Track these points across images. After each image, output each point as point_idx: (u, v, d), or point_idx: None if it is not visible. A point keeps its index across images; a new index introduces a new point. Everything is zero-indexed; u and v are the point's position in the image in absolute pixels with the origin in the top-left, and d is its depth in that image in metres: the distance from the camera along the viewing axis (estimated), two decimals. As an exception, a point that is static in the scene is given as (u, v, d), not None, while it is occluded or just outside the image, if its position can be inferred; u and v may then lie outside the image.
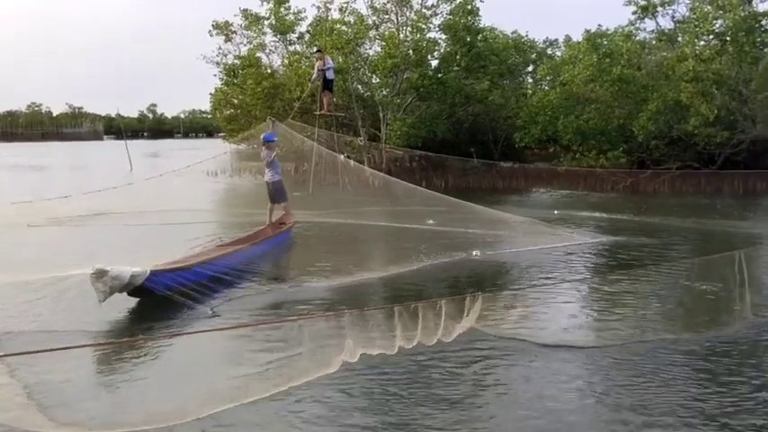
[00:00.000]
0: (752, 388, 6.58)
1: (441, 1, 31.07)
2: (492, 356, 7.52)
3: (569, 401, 6.35)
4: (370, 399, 6.39)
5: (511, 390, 6.65)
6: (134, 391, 6.63)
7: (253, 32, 36.28)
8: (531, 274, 12.04)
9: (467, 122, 33.51)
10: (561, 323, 8.92)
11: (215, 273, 10.57)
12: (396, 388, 6.58)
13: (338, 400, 6.30)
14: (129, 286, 8.76)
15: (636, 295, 10.41)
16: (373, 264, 12.20)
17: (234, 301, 9.68)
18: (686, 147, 28.39)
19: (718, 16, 27.45)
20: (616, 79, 27.85)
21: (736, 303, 8.78)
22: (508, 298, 8.93)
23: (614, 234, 16.11)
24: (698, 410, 6.07)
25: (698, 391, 6.50)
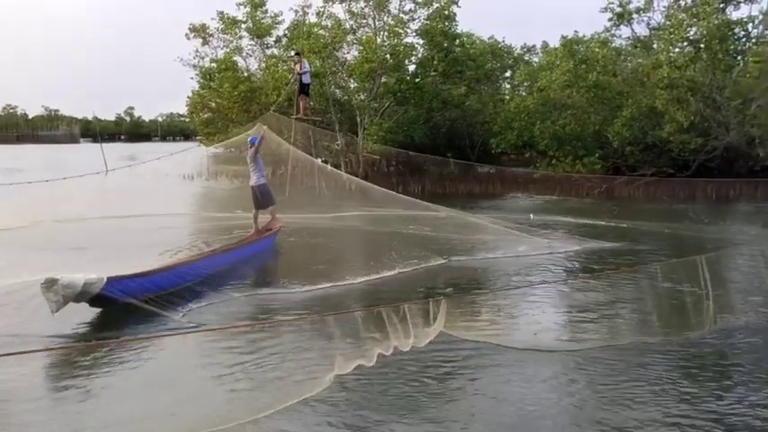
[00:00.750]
0: (723, 389, 6.64)
1: (418, 6, 31.09)
2: (463, 360, 7.52)
3: (542, 404, 6.36)
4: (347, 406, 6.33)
5: (485, 394, 6.64)
6: (81, 404, 6.40)
7: (229, 36, 36.11)
8: (504, 279, 12.06)
9: (444, 127, 33.52)
10: (532, 327, 8.91)
11: (187, 279, 10.32)
12: (369, 394, 6.56)
13: (317, 411, 6.22)
14: (86, 295, 8.37)
15: (606, 299, 10.46)
16: (349, 270, 12.00)
17: (207, 308, 9.44)
18: (661, 153, 28.60)
19: (693, 24, 27.69)
20: (592, 85, 28.02)
21: (705, 306, 8.80)
22: (478, 302, 8.88)
23: (589, 238, 16.16)
24: (672, 412, 6.11)
25: (672, 392, 6.55)
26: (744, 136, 27.37)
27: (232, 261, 12.35)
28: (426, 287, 11.09)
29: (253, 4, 35.62)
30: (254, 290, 10.86)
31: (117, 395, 6.57)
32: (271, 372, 7.01)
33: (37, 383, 6.80)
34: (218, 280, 10.94)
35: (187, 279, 10.33)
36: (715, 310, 8.68)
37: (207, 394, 6.61)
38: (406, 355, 6.97)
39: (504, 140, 30.25)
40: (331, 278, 11.11)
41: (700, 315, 8.66)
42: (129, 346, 7.67)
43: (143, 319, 8.63)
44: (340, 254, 14.71)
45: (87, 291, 8.33)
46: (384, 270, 11.89)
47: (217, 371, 7.07)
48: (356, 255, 14.86)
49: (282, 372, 6.98)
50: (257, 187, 14.33)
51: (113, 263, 10.86)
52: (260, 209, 14.59)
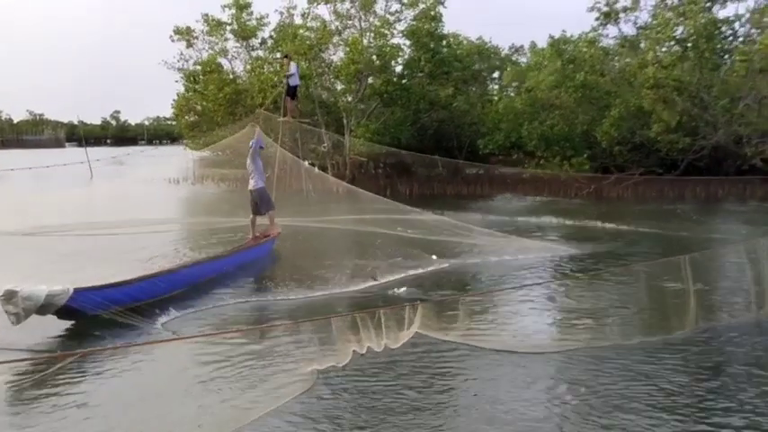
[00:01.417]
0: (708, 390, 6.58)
1: (404, 7, 30.92)
2: (445, 362, 7.46)
3: (523, 406, 6.28)
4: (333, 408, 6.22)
5: (465, 395, 6.60)
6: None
7: (215, 38, 35.83)
8: (492, 282, 11.91)
9: (431, 129, 33.34)
10: (513, 328, 8.94)
11: (169, 288, 10.04)
12: (349, 396, 6.47)
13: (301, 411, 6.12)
14: (50, 307, 8.06)
15: (590, 300, 10.42)
16: (341, 277, 11.80)
17: (189, 317, 9.21)
18: (649, 153, 28.53)
19: (680, 23, 27.62)
20: (579, 85, 27.90)
21: (690, 305, 8.71)
22: (459, 304, 8.73)
23: (576, 240, 16.09)
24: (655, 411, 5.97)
25: (654, 391, 6.44)
26: (732, 135, 27.31)
27: (223, 268, 12.03)
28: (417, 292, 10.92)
29: (238, 6, 35.37)
30: (240, 298, 10.55)
31: (82, 411, 6.30)
32: (239, 384, 6.80)
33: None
34: (207, 288, 10.75)
35: (169, 288, 10.04)
36: (700, 310, 8.63)
37: (174, 410, 6.38)
38: (382, 358, 6.92)
39: (491, 141, 30.11)
40: (320, 286, 10.96)
41: (685, 315, 8.58)
42: (96, 357, 7.43)
43: (119, 331, 8.37)
44: (329, 259, 14.27)
45: (51, 303, 8.03)
46: (380, 276, 11.72)
47: (186, 384, 6.88)
48: (346, 260, 14.23)
49: (254, 383, 6.79)
50: (256, 191, 14.09)
51: (95, 272, 10.67)
52: (258, 214, 14.30)
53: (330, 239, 17.07)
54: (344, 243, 16.65)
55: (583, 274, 12.53)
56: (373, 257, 13.62)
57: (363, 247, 15.11)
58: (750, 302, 9.56)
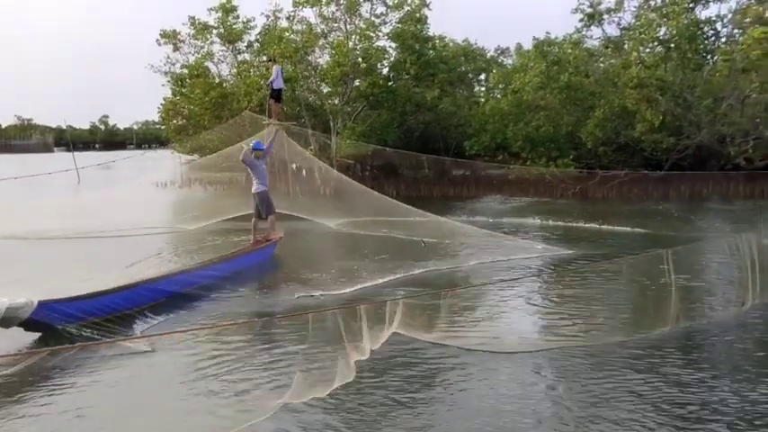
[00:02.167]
0: (688, 384, 6.57)
1: (389, 9, 31.01)
2: (425, 362, 7.46)
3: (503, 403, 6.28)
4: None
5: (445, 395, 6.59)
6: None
7: (201, 41, 35.76)
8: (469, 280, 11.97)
9: (417, 131, 33.44)
10: (492, 328, 8.98)
11: (151, 298, 9.64)
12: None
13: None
14: (12, 320, 7.75)
15: (572, 299, 10.47)
16: (336, 279, 11.70)
17: (167, 326, 8.86)
18: (633, 153, 28.73)
19: (663, 24, 27.84)
20: (564, 86, 28.07)
21: (671, 303, 8.77)
22: (440, 302, 8.76)
23: (563, 241, 16.16)
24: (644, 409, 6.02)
25: (632, 389, 6.43)
26: (715, 134, 27.54)
27: (219, 274, 11.64)
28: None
29: (224, 10, 35.33)
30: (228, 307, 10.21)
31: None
32: (209, 399, 6.66)
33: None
34: (197, 295, 10.46)
35: (153, 298, 9.70)
36: (680, 307, 8.67)
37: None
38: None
39: (477, 143, 30.23)
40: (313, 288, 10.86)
41: (666, 312, 8.62)
42: (63, 366, 7.29)
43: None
44: (320, 261, 14.15)
45: (13, 316, 7.71)
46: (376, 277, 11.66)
47: (145, 395, 6.82)
48: (338, 261, 14.11)
49: (225, 397, 6.66)
50: (258, 194, 13.94)
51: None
52: (260, 218, 14.15)
53: (324, 241, 16.99)
54: (337, 245, 16.63)
55: (563, 269, 12.57)
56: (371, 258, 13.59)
57: (361, 250, 14.99)
58: (733, 298, 9.66)
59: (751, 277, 9.06)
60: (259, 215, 14.13)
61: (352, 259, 13.87)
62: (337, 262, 13.83)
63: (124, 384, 7.04)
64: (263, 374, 7.08)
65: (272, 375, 7.06)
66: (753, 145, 26.85)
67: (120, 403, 6.61)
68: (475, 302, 10.24)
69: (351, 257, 14.26)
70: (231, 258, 12.66)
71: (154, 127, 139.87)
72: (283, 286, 11.52)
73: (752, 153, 26.95)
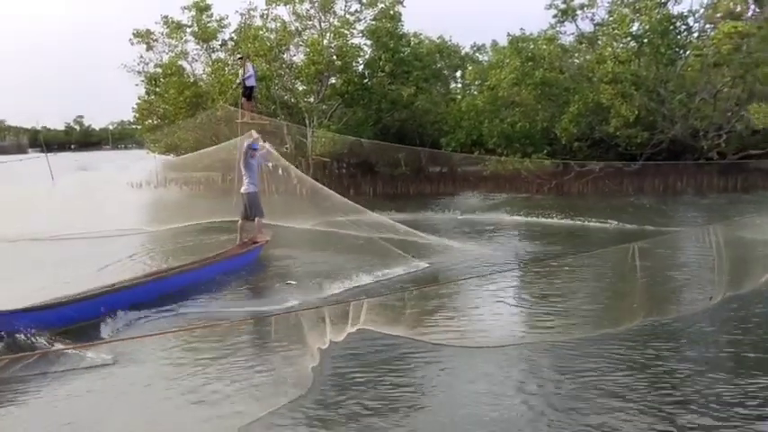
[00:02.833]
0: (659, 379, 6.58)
1: (363, 7, 30.86)
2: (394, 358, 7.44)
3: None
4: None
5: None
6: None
7: (174, 40, 35.44)
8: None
9: (393, 128, 33.30)
10: (461, 324, 8.97)
11: (118, 305, 9.10)
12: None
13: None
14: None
15: (541, 295, 10.52)
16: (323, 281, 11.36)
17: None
18: (608, 148, 28.88)
19: (635, 19, 28.00)
20: (539, 82, 28.08)
21: (643, 297, 8.80)
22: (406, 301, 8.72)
23: (534, 238, 16.22)
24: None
25: (603, 386, 6.44)
26: (688, 129, 27.79)
27: (202, 277, 11.28)
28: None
29: (198, 8, 35.05)
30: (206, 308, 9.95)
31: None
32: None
33: None
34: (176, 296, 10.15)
35: (121, 305, 9.19)
36: (648, 301, 8.70)
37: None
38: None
39: (453, 139, 30.17)
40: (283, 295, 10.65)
41: (634, 307, 8.64)
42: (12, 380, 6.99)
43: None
44: (296, 264, 13.85)
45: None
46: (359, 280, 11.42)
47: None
48: (319, 264, 13.61)
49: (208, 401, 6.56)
50: (246, 195, 13.68)
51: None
52: (247, 219, 13.85)
53: (301, 244, 16.72)
54: (319, 246, 16.38)
55: (532, 264, 12.58)
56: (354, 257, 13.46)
57: (342, 252, 14.56)
58: (702, 291, 9.72)
59: (717, 270, 9.10)
60: (246, 216, 13.84)
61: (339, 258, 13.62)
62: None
63: (80, 399, 6.76)
64: (227, 383, 6.96)
65: (236, 381, 6.97)
66: (725, 139, 27.15)
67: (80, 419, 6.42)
68: (445, 300, 10.20)
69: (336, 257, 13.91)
70: (214, 263, 12.25)
71: (130, 127, 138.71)
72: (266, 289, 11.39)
73: (724, 147, 27.25)
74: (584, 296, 10.49)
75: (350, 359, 7.39)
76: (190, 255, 13.78)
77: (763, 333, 8.19)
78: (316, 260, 13.80)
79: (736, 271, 10.13)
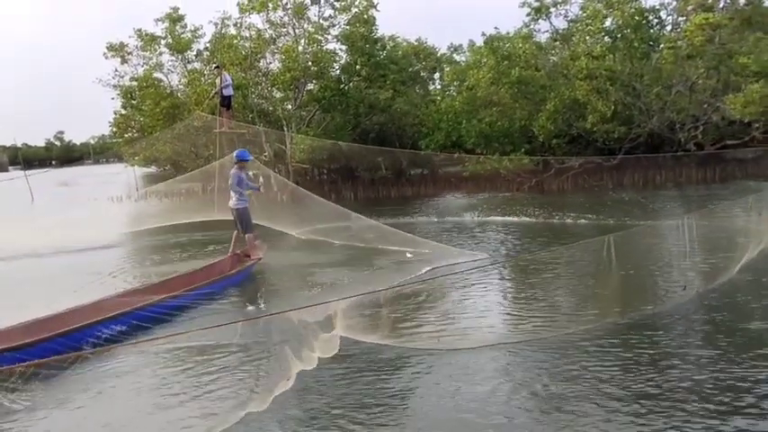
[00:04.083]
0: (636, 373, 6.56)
1: (337, 12, 30.81)
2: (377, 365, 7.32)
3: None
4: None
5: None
6: None
7: (149, 53, 35.31)
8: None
9: (372, 132, 33.28)
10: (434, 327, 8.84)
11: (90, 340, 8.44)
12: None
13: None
14: None
15: (519, 294, 10.54)
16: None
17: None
18: (587, 144, 28.94)
19: (608, 14, 28.11)
20: (515, 81, 28.09)
21: (618, 292, 8.80)
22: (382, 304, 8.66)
23: (514, 236, 16.21)
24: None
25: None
26: (665, 122, 27.91)
27: (190, 301, 10.54)
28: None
29: (171, 20, 34.95)
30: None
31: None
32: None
33: None
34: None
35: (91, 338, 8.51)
36: (626, 295, 8.70)
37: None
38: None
39: (432, 141, 30.15)
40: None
41: (610, 302, 8.64)
42: None
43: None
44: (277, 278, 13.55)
45: None
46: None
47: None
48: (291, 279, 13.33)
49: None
50: (236, 210, 13.13)
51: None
52: (239, 232, 13.34)
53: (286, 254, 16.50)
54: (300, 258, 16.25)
55: (508, 262, 12.54)
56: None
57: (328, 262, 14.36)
58: (676, 283, 9.73)
59: (691, 262, 9.12)
60: (238, 228, 13.38)
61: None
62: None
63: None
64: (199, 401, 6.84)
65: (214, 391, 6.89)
66: (702, 130, 27.28)
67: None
68: (421, 301, 10.15)
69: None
70: (205, 285, 11.26)
71: (110, 141, 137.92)
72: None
73: (702, 138, 27.38)
74: (560, 292, 10.46)
75: (330, 361, 7.31)
76: (174, 267, 13.64)
77: (737, 322, 8.19)
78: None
79: (711, 261, 10.18)
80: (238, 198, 13.01)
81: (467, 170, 29.04)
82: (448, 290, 10.76)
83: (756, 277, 10.04)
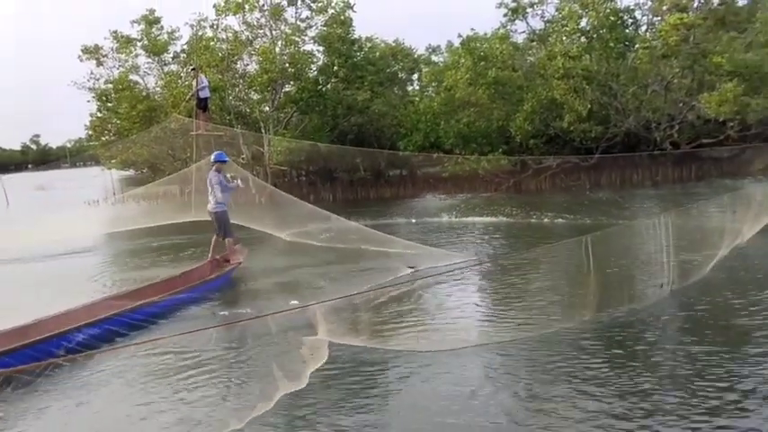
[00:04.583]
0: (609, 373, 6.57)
1: (314, 13, 30.72)
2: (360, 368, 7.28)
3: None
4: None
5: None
6: None
7: (125, 55, 35.03)
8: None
9: (351, 133, 33.21)
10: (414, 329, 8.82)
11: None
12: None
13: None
14: None
15: (497, 294, 10.54)
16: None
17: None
18: (564, 143, 29.06)
19: (584, 14, 28.26)
20: (492, 82, 28.17)
21: (596, 290, 8.83)
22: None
23: (493, 237, 16.24)
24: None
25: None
26: (641, 121, 28.11)
27: (171, 306, 10.44)
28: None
29: (147, 21, 34.73)
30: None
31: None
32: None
33: None
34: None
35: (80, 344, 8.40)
36: (604, 293, 8.73)
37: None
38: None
39: (411, 142, 30.15)
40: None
41: (588, 300, 8.67)
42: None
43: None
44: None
45: None
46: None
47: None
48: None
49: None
50: (214, 213, 12.82)
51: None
52: (219, 236, 13.02)
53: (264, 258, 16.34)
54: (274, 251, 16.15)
55: (485, 263, 12.55)
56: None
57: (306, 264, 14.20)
58: (653, 281, 9.78)
59: (666, 260, 9.19)
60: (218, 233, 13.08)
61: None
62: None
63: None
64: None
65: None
66: (678, 129, 27.52)
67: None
68: (403, 303, 10.11)
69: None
70: (184, 291, 11.18)
71: (87, 144, 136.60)
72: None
73: (678, 137, 27.62)
74: (539, 293, 10.49)
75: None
76: (153, 272, 13.50)
77: (713, 319, 8.27)
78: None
79: (687, 258, 10.27)
80: (217, 202, 12.72)
81: (446, 171, 29.08)
82: (429, 291, 10.74)
83: (730, 274, 10.19)
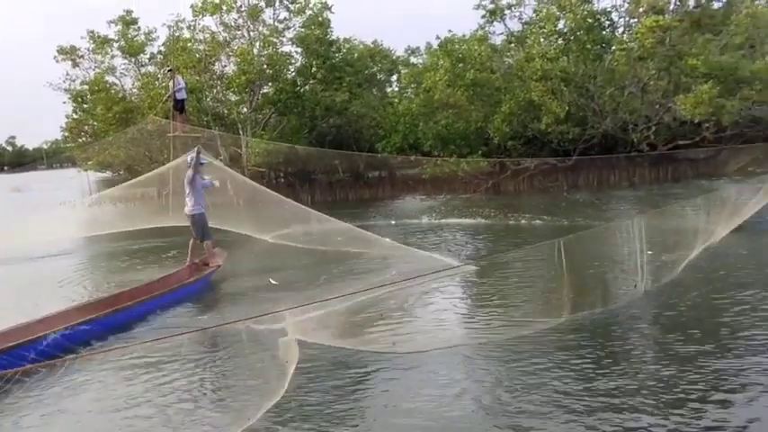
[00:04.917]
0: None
1: (292, 14, 30.61)
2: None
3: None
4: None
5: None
6: None
7: (101, 56, 34.65)
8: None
9: (329, 135, 33.17)
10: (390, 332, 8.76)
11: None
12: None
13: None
14: None
15: (476, 296, 10.62)
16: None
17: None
18: (542, 145, 29.20)
19: (561, 16, 28.42)
20: (470, 83, 28.23)
21: (569, 292, 8.84)
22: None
23: (471, 238, 16.25)
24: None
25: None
26: (619, 122, 28.32)
27: (149, 310, 10.33)
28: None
29: (124, 22, 34.39)
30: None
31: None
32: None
33: None
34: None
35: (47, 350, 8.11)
36: (575, 296, 8.75)
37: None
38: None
39: (389, 143, 30.13)
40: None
41: (561, 302, 8.68)
42: None
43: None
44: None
45: None
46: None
47: None
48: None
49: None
50: (192, 216, 12.55)
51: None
52: (198, 239, 12.80)
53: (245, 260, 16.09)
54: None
55: (462, 265, 12.52)
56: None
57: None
58: (626, 282, 9.83)
59: (640, 261, 9.25)
60: (195, 236, 12.86)
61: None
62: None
63: None
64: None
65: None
66: (655, 130, 27.75)
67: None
68: (379, 305, 10.06)
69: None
70: (163, 294, 11.07)
71: (64, 146, 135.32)
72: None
73: (654, 138, 27.85)
74: (514, 294, 10.50)
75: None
76: (131, 276, 13.33)
77: (685, 318, 8.33)
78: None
79: (661, 259, 10.33)
80: (194, 204, 12.50)
81: (425, 172, 29.11)
82: (407, 293, 10.68)
83: (702, 274, 10.31)
